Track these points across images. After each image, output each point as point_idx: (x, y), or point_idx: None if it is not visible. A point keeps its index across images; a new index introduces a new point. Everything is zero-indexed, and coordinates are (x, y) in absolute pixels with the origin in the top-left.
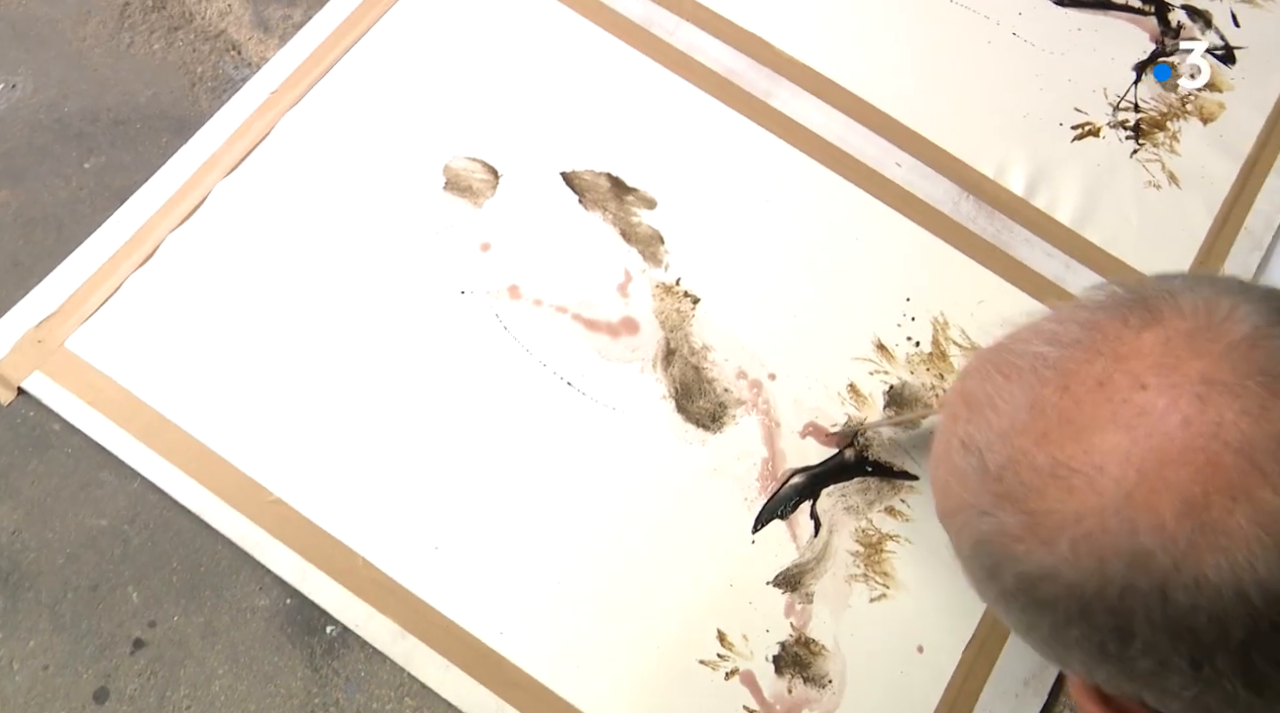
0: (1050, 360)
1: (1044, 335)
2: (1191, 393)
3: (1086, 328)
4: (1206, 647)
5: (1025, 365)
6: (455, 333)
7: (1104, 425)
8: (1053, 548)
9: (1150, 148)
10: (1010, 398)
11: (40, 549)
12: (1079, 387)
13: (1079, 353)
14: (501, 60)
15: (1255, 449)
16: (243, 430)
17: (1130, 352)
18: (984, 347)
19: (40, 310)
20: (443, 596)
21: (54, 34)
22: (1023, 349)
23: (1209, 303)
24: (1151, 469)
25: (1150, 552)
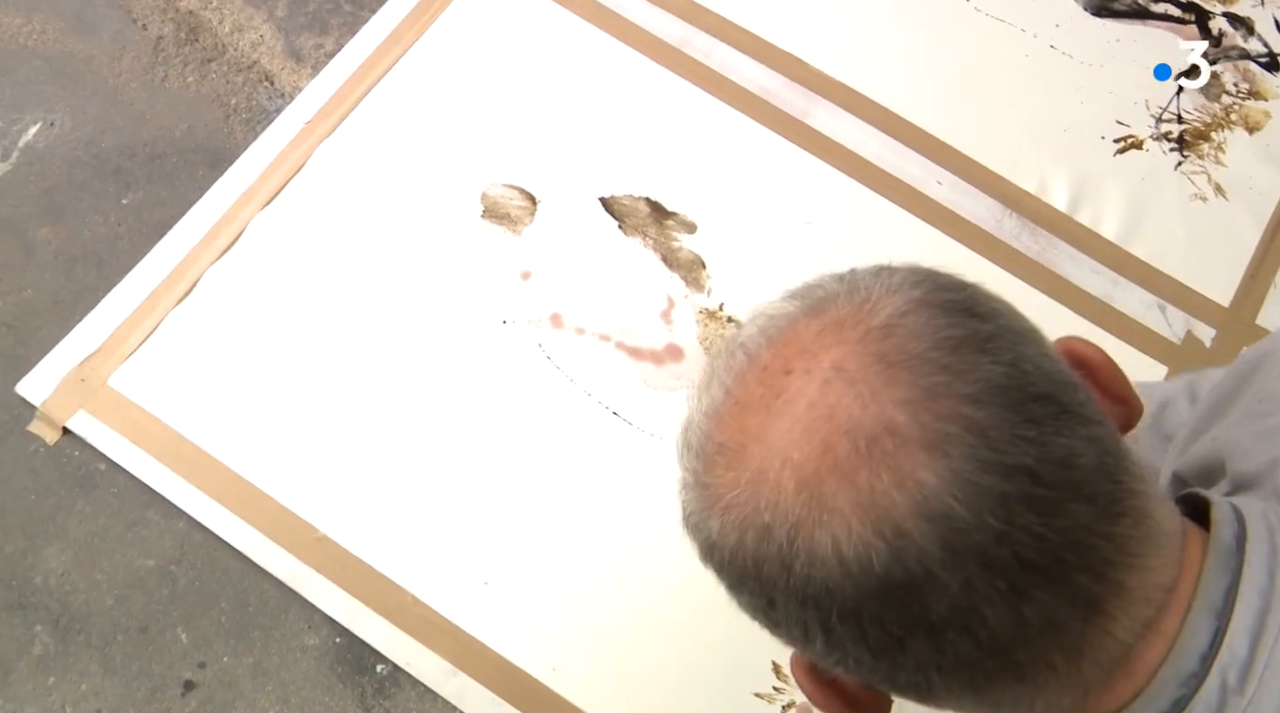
0: (746, 347)
1: (759, 322)
2: (821, 379)
3: (778, 319)
4: (826, 613)
5: (732, 349)
6: (498, 363)
7: (755, 406)
8: (714, 520)
9: (1195, 159)
10: (716, 380)
11: (89, 591)
12: (751, 372)
13: (763, 340)
14: (536, 85)
15: (860, 433)
16: (288, 466)
17: (791, 340)
18: None
19: (83, 349)
20: (493, 632)
21: (89, 71)
22: (741, 336)
23: (869, 293)
24: (779, 448)
25: (769, 525)
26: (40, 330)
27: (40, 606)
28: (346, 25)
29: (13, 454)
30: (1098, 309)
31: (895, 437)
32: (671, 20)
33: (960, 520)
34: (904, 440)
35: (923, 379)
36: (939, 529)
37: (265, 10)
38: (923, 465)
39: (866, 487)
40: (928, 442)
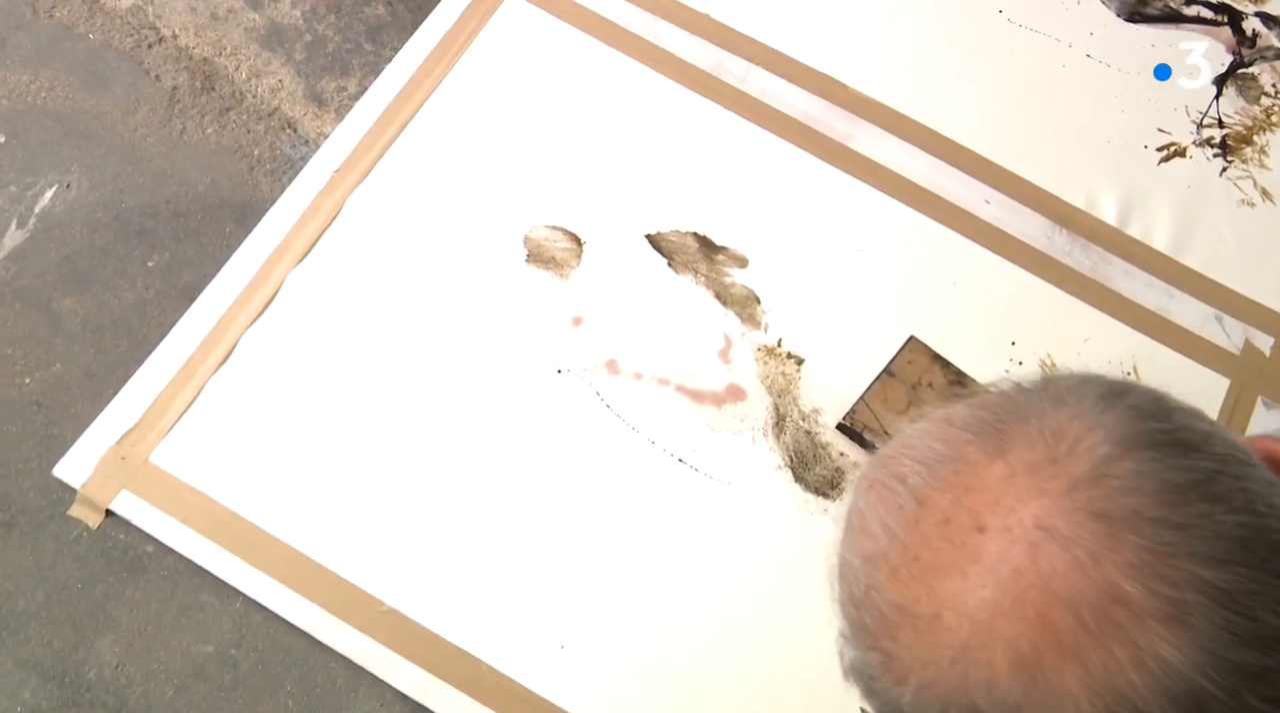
0: (911, 485)
1: (916, 451)
2: (1025, 540)
3: (948, 448)
4: None
5: (892, 485)
6: (557, 415)
7: (945, 568)
8: (903, 689)
9: (1239, 164)
10: (876, 521)
11: (146, 682)
12: (927, 521)
13: (934, 480)
14: (569, 119)
15: (1084, 604)
16: (347, 537)
17: (976, 485)
18: (879, 450)
19: (120, 425)
20: (574, 697)
21: (103, 127)
22: (895, 466)
23: (1060, 428)
24: (985, 621)
25: (981, 708)
26: (73, 407)
27: (96, 702)
28: (369, 66)
29: (54, 542)
30: (1154, 323)
31: (1126, 608)
32: (704, 45)
33: (1213, 703)
34: (1137, 612)
35: (1149, 539)
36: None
37: (283, 54)
38: (1163, 640)
39: (1098, 666)
40: (1165, 613)
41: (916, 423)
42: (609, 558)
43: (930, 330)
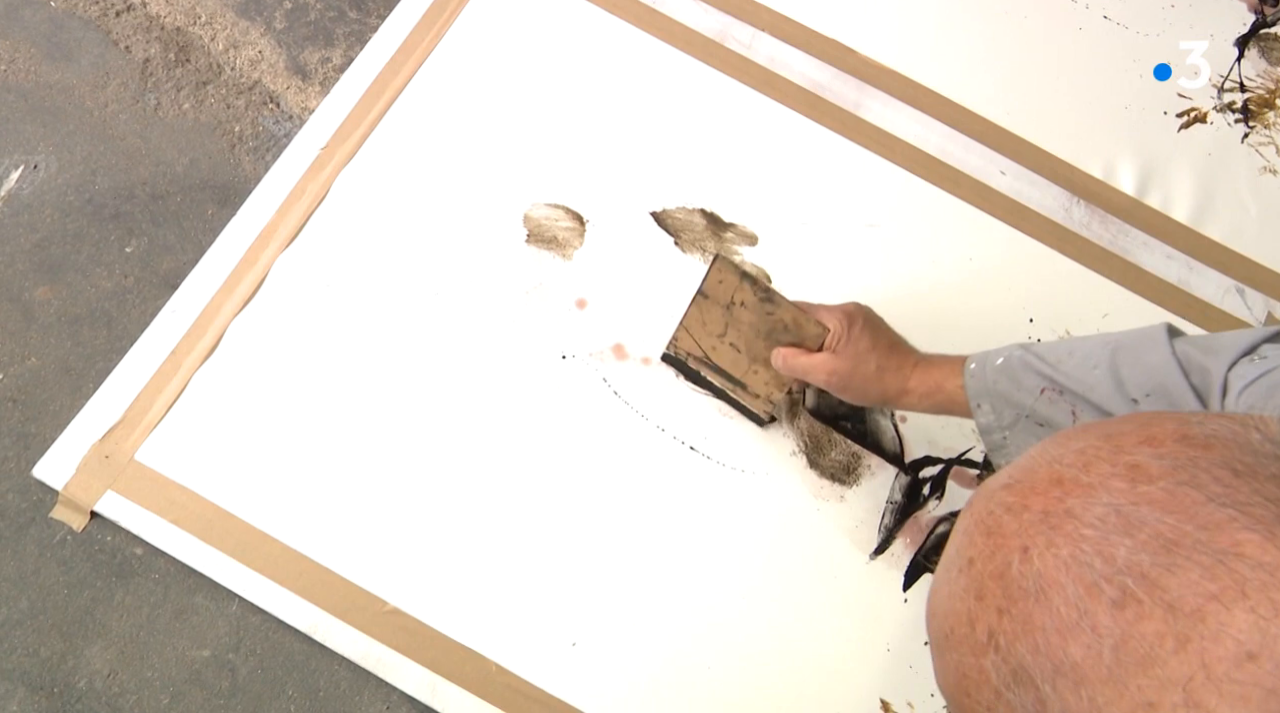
0: (1152, 581)
1: (1134, 522)
2: None
3: (1210, 532)
4: None
5: (1106, 575)
6: (562, 402)
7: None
8: None
9: (1262, 129)
10: (1081, 620)
11: (140, 691)
12: (1211, 651)
13: (1203, 583)
14: (568, 90)
15: None
16: (344, 535)
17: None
18: (1020, 485)
19: (102, 421)
20: (586, 695)
21: (71, 103)
22: (1098, 542)
23: None
24: None
25: None
26: (51, 403)
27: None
28: (354, 35)
29: (37, 546)
30: (1175, 296)
31: None
32: (708, 11)
33: None
34: None
35: None
36: None
37: (261, 23)
38: None
39: None
40: None
41: (1055, 459)
42: (619, 551)
43: (946, 308)
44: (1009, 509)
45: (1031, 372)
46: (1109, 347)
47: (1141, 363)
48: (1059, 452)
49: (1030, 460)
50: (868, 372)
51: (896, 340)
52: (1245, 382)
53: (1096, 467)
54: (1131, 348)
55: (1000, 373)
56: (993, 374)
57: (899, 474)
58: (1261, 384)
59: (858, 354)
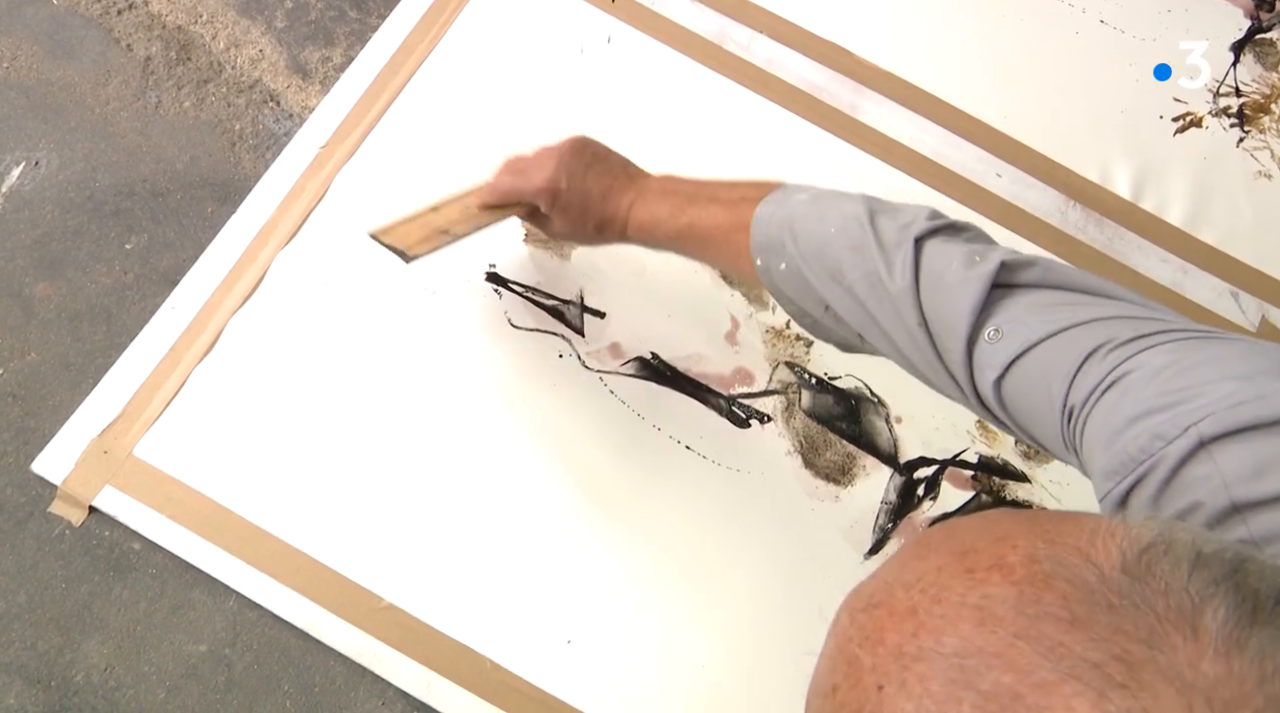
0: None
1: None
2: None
3: (1034, 692)
4: None
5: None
6: (559, 401)
7: None
8: None
9: (1257, 134)
10: None
11: (137, 685)
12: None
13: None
14: (568, 90)
15: None
16: (341, 532)
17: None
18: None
19: (101, 417)
20: (581, 693)
21: (73, 101)
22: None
23: (1213, 683)
24: None
25: None
26: (50, 399)
27: (85, 707)
28: (354, 34)
29: (35, 540)
30: (1169, 300)
31: None
32: (706, 12)
33: None
34: None
35: None
36: None
37: (262, 22)
38: None
39: None
40: None
41: (915, 580)
42: (615, 549)
43: None
44: (867, 641)
45: (810, 287)
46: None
47: (897, 316)
48: (918, 572)
49: (891, 578)
50: (591, 194)
51: (625, 164)
52: (995, 373)
53: (948, 599)
54: (888, 294)
55: (784, 279)
56: (777, 278)
57: (893, 475)
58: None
59: (575, 176)
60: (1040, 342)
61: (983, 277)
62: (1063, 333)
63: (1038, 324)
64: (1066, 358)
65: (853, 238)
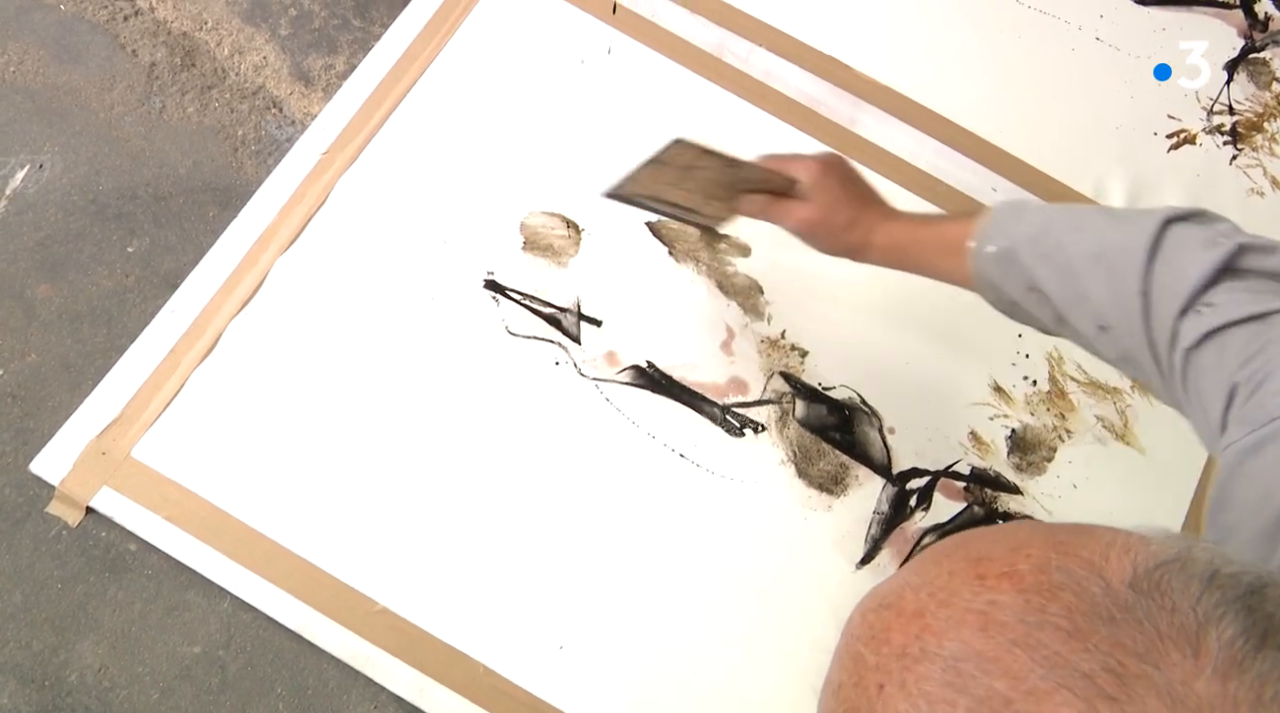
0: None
1: (964, 680)
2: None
3: (1034, 702)
4: None
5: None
6: (553, 408)
7: None
8: None
9: (1250, 152)
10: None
11: (131, 686)
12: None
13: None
14: (568, 101)
15: None
16: (336, 535)
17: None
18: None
19: (100, 418)
20: (573, 698)
21: (78, 105)
22: (935, 700)
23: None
24: None
25: None
26: (50, 400)
27: (79, 707)
28: (357, 43)
29: (32, 540)
30: None
31: None
32: (706, 25)
33: None
34: None
35: None
36: None
37: (266, 30)
38: None
39: None
40: None
41: (927, 584)
42: (608, 556)
43: (936, 323)
44: (873, 639)
45: (1019, 267)
46: (1093, 255)
47: (1113, 288)
48: (929, 575)
49: (903, 581)
50: (837, 223)
51: (870, 194)
52: (1189, 343)
53: (954, 604)
54: (1111, 265)
55: (991, 262)
56: (984, 262)
57: (886, 485)
58: (1205, 357)
59: (829, 203)
60: (1242, 321)
61: (1216, 257)
62: (1270, 316)
63: (1249, 304)
64: (1256, 340)
65: (1079, 220)
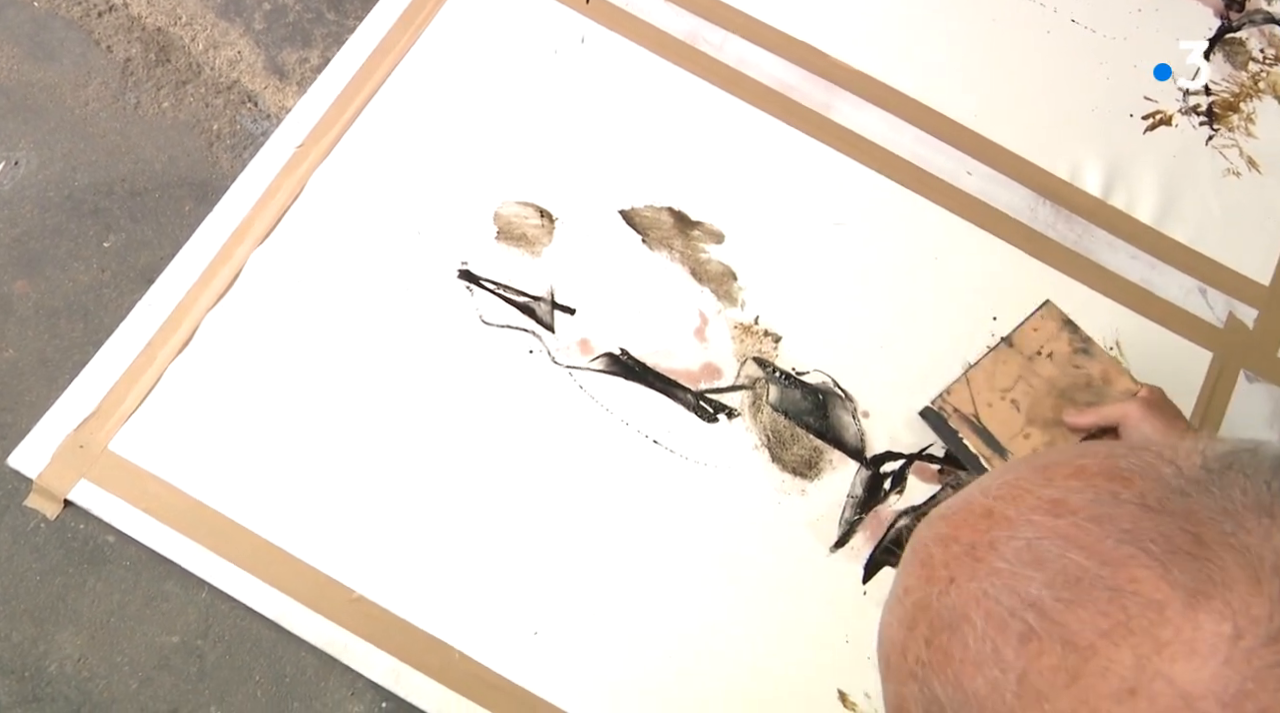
0: (1053, 618)
1: (1041, 560)
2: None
3: (1104, 568)
4: None
5: (1017, 610)
6: (528, 396)
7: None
8: None
9: (1226, 132)
10: (990, 654)
11: (110, 675)
12: (1096, 687)
13: (1097, 619)
14: (541, 91)
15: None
16: (314, 525)
17: (1175, 642)
18: (955, 514)
19: (77, 412)
20: (548, 684)
21: (53, 101)
22: (1009, 579)
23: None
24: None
25: None
26: (27, 394)
27: (58, 697)
28: (332, 36)
29: (11, 533)
30: (1137, 296)
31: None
32: (679, 13)
33: None
34: None
35: None
36: None
37: (241, 24)
38: None
39: None
40: None
41: (992, 489)
42: (582, 542)
43: (911, 306)
44: (940, 540)
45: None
46: None
47: None
48: (996, 482)
49: (970, 491)
50: (1168, 432)
51: (1187, 422)
52: None
53: (1024, 499)
54: None
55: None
56: None
57: (860, 469)
58: None
59: (1166, 414)
60: None
61: None
62: None
63: None
64: None
65: None
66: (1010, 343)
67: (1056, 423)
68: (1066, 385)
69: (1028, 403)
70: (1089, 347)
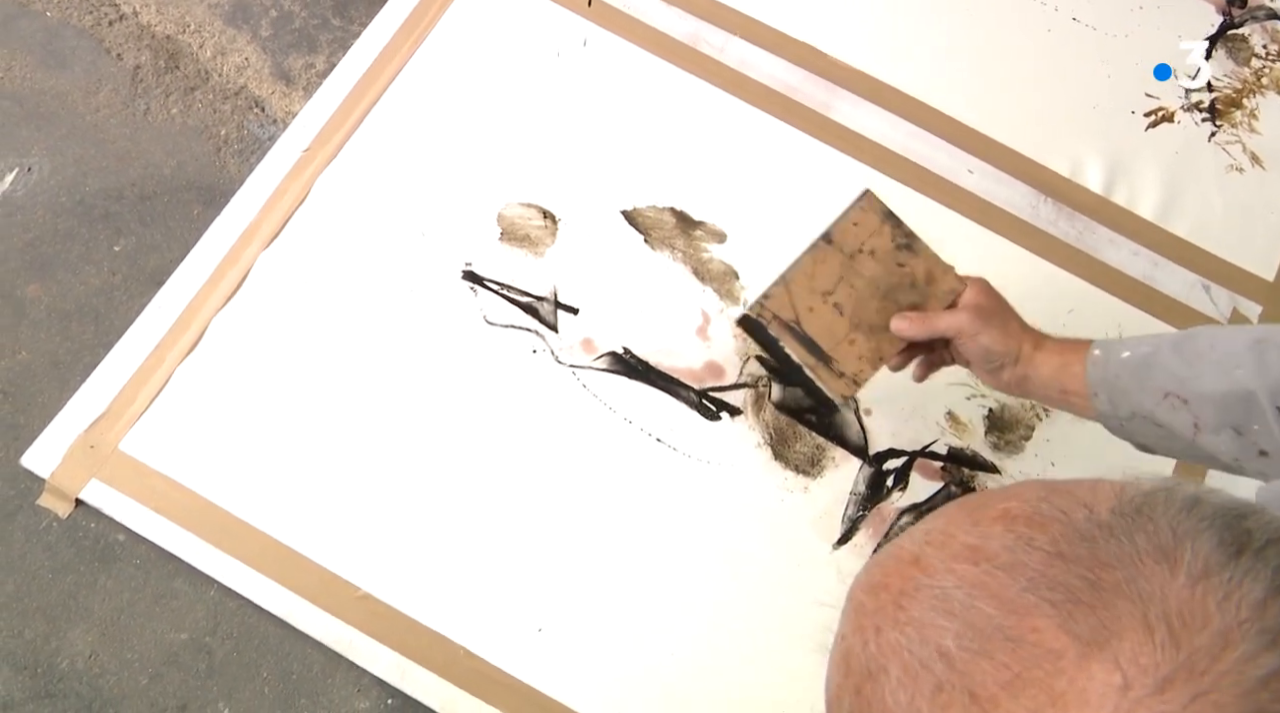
0: (959, 669)
1: (954, 607)
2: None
3: (1009, 617)
4: None
5: (928, 661)
6: (532, 395)
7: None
8: None
9: (1229, 129)
10: (906, 705)
11: (120, 671)
12: None
13: (999, 670)
14: (543, 94)
15: None
16: (321, 523)
17: (1070, 695)
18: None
19: (88, 413)
20: (551, 680)
21: (64, 108)
22: (926, 629)
23: (1186, 610)
24: None
25: None
26: (40, 396)
27: (70, 692)
28: (337, 42)
29: (24, 532)
30: (1140, 293)
31: None
32: (681, 15)
33: None
34: None
35: None
36: None
37: (248, 31)
38: None
39: None
40: None
41: (925, 533)
42: (586, 539)
43: None
44: (871, 589)
45: (1159, 373)
46: (1251, 338)
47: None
48: (929, 526)
49: (906, 535)
50: (1006, 339)
51: (1021, 319)
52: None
53: (949, 545)
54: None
55: (1124, 367)
56: (1116, 367)
57: (862, 466)
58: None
59: (999, 317)
60: None
61: None
62: None
63: None
64: None
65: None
66: (829, 240)
67: (883, 328)
68: (890, 286)
69: (851, 306)
70: (912, 242)
